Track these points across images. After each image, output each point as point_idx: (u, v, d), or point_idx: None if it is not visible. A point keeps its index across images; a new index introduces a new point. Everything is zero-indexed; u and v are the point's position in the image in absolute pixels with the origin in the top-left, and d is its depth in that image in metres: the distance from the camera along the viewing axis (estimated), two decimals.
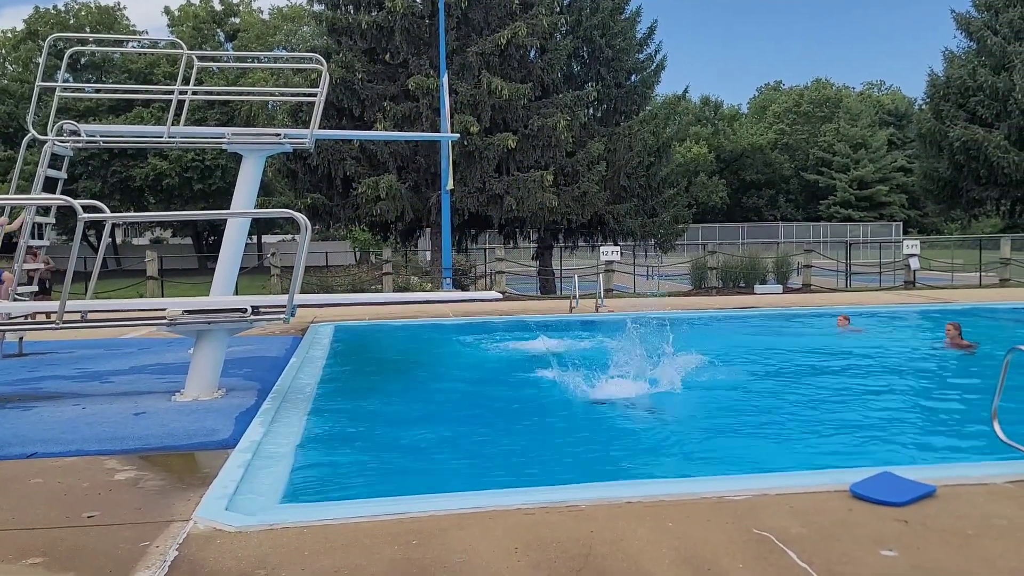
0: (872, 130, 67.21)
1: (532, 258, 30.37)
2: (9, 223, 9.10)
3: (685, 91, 36.28)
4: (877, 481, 4.72)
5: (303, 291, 13.57)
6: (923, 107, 41.99)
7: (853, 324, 13.64)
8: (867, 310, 15.66)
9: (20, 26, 48.77)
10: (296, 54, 34.28)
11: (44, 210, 9.52)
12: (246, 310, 7.63)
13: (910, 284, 22.78)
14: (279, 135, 9.57)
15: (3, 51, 49.98)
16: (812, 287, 22.81)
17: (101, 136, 10.06)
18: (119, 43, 40.78)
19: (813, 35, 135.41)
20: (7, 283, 9.47)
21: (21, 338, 10.59)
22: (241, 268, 9.49)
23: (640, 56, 29.83)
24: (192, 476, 5.40)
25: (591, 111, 28.88)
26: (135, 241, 64.14)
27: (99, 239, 42.06)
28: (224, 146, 9.34)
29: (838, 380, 9.74)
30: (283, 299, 7.79)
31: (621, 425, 7.74)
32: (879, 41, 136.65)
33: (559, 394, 9.14)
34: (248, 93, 27.60)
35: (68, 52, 10.83)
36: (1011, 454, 5.20)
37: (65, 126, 9.34)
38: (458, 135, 21.71)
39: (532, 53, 26.54)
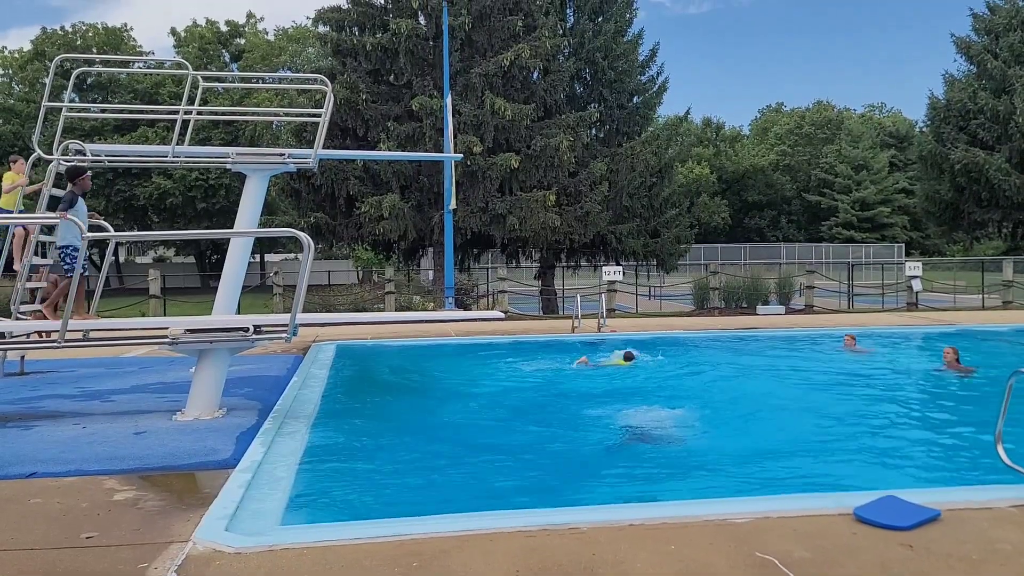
0: (874, 152, 67.47)
1: (534, 277, 30.39)
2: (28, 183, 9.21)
3: (687, 112, 36.56)
4: (881, 505, 4.68)
5: (305, 310, 13.57)
6: (924, 129, 42.12)
7: (858, 345, 13.61)
8: (870, 331, 15.62)
9: (27, 47, 49.19)
10: (301, 75, 34.55)
11: (48, 229, 9.55)
12: (248, 329, 7.63)
13: (912, 305, 22.74)
14: (283, 155, 9.60)
15: (10, 71, 50.36)
16: (814, 308, 22.77)
17: (106, 155, 10.09)
18: (125, 63, 41.08)
19: (814, 57, 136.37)
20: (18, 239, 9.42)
21: (22, 357, 10.58)
22: (244, 287, 9.48)
23: (642, 78, 30.02)
24: (192, 496, 5.37)
25: (593, 132, 29.01)
26: (138, 259, 64.27)
27: (102, 257, 42.19)
28: (228, 166, 9.37)
29: (840, 402, 9.70)
30: (285, 318, 7.79)
31: (623, 446, 7.70)
32: (880, 64, 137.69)
33: (560, 414, 9.12)
34: (253, 113, 27.78)
35: (75, 72, 10.91)
36: (1015, 478, 5.16)
37: (71, 145, 9.39)
38: (461, 155, 21.80)
39: (535, 74, 26.71)
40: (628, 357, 12.26)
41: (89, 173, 9.02)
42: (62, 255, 8.68)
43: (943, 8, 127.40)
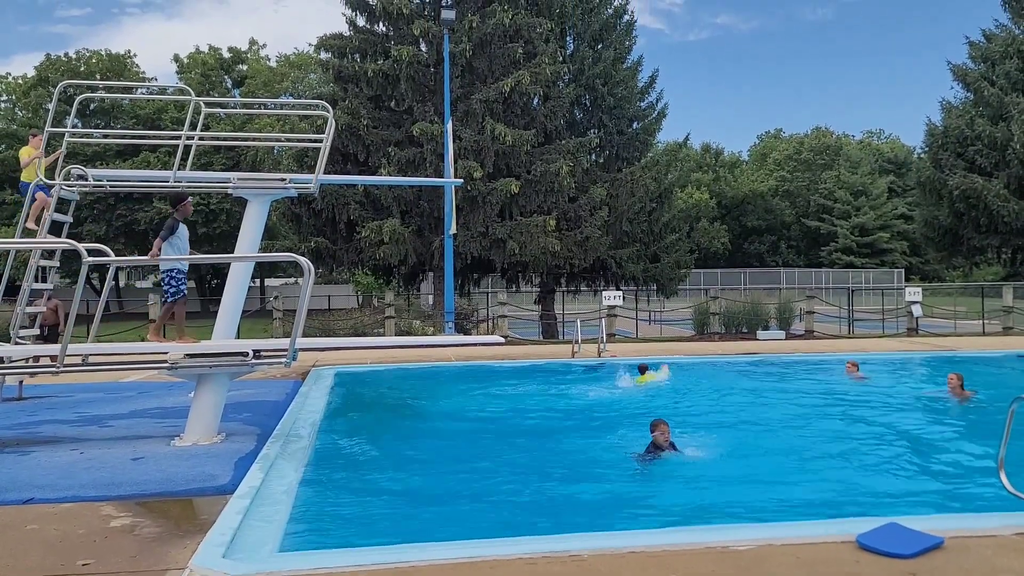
0: (872, 178, 67.81)
1: (534, 302, 30.38)
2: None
3: (686, 138, 36.70)
4: (884, 532, 4.65)
5: (305, 334, 13.57)
6: (922, 156, 42.29)
7: (860, 371, 13.56)
8: (871, 357, 15.59)
9: (31, 73, 49.52)
10: (302, 101, 34.78)
11: (49, 253, 9.57)
12: (247, 354, 7.62)
13: (913, 331, 22.72)
14: (284, 180, 9.65)
15: (13, 97, 50.68)
16: (815, 333, 22.76)
17: (108, 180, 10.14)
18: (128, 89, 41.32)
19: (812, 84, 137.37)
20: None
21: (21, 382, 10.55)
22: (244, 311, 9.49)
23: (641, 104, 30.24)
24: (189, 523, 5.33)
25: (593, 157, 29.17)
26: (138, 284, 64.26)
27: (102, 282, 42.19)
28: (229, 191, 9.41)
29: (843, 428, 9.65)
30: (285, 343, 7.79)
31: (623, 473, 7.65)
32: (878, 91, 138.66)
33: (561, 440, 9.07)
34: (254, 139, 27.88)
35: (78, 98, 10.98)
36: (1018, 505, 5.13)
37: (72, 171, 9.43)
38: (462, 180, 21.88)
39: (535, 100, 26.90)
40: (642, 369, 13.01)
41: (191, 199, 9.23)
42: (165, 278, 8.86)
43: (940, 36, 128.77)
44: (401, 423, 10.34)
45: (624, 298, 23.24)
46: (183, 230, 8.81)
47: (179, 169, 9.38)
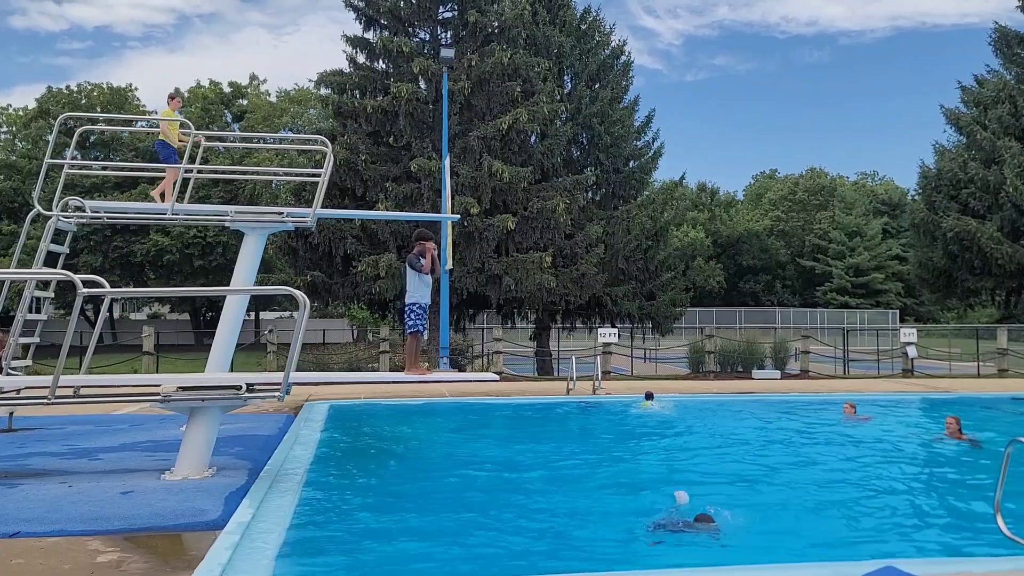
0: (867, 219, 68.26)
1: (530, 338, 30.33)
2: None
3: (682, 177, 36.75)
4: None
5: (299, 368, 13.50)
6: (916, 198, 42.59)
7: (857, 413, 13.50)
8: (866, 398, 15.56)
9: (32, 104, 49.88)
10: (302, 135, 35.03)
11: (43, 284, 9.56)
12: (241, 387, 7.58)
13: (908, 372, 22.71)
14: (282, 213, 9.69)
15: (14, 128, 50.96)
16: (810, 373, 22.73)
17: (105, 212, 10.19)
18: (128, 122, 41.59)
19: (807, 125, 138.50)
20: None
21: (11, 413, 10.46)
22: (238, 344, 9.46)
23: (638, 143, 30.53)
24: (177, 559, 5.26)
25: (590, 195, 29.35)
26: (132, 316, 64.06)
27: (97, 314, 42.01)
28: (227, 224, 9.44)
29: (839, 470, 9.59)
30: (278, 377, 7.75)
31: (616, 512, 7.58)
32: (872, 132, 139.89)
33: (554, 477, 8.99)
34: (253, 172, 27.97)
35: (78, 131, 11.04)
36: (1015, 549, 5.08)
37: (70, 202, 9.47)
38: (458, 216, 21.99)
39: (532, 138, 27.14)
40: (648, 396, 13.72)
41: (432, 242, 9.58)
42: (408, 311, 9.17)
43: (933, 80, 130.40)
44: (394, 460, 10.26)
45: (620, 335, 23.22)
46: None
47: (177, 201, 9.41)
